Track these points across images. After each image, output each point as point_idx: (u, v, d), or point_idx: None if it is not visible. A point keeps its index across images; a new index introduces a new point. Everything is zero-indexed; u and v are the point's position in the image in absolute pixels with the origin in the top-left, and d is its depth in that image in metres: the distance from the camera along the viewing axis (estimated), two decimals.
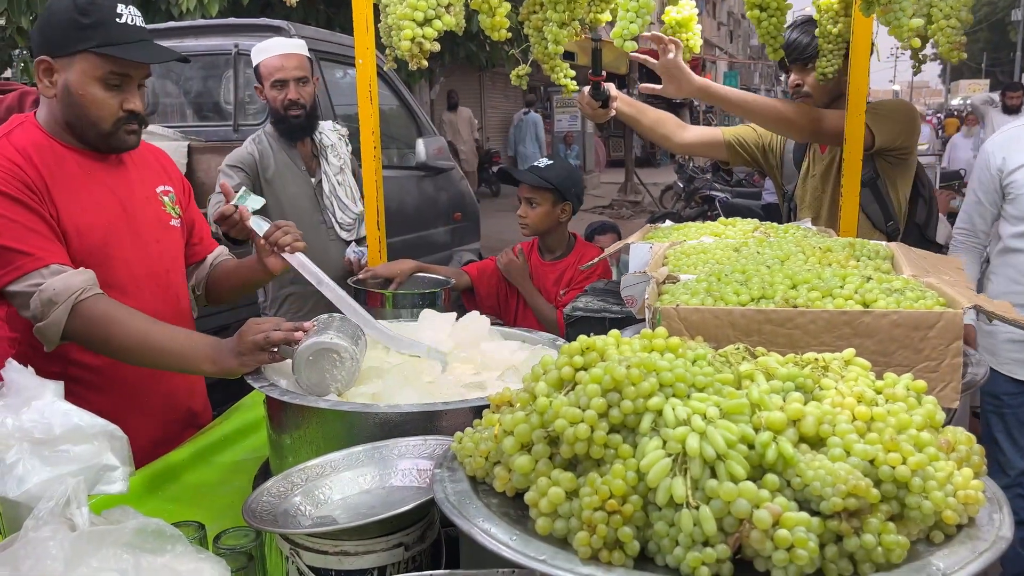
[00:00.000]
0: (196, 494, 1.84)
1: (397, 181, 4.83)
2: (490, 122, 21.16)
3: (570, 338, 2.12)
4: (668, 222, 2.42)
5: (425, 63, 1.52)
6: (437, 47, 1.52)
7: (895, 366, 1.32)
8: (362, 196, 3.20)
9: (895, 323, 1.32)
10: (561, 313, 2.75)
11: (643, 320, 1.93)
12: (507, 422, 1.05)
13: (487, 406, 1.49)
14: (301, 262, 1.94)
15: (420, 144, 5.08)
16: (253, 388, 1.65)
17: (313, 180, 3.17)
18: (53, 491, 0.99)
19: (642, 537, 0.90)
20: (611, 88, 2.58)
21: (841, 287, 1.44)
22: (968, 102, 10.22)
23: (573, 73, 2.41)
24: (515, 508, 1.03)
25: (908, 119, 2.62)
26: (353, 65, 4.98)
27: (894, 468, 0.90)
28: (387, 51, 2.03)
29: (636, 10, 1.58)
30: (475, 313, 2.05)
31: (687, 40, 2.55)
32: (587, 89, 2.55)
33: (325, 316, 1.74)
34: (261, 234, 1.95)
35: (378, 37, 2.13)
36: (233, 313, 3.88)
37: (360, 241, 3.20)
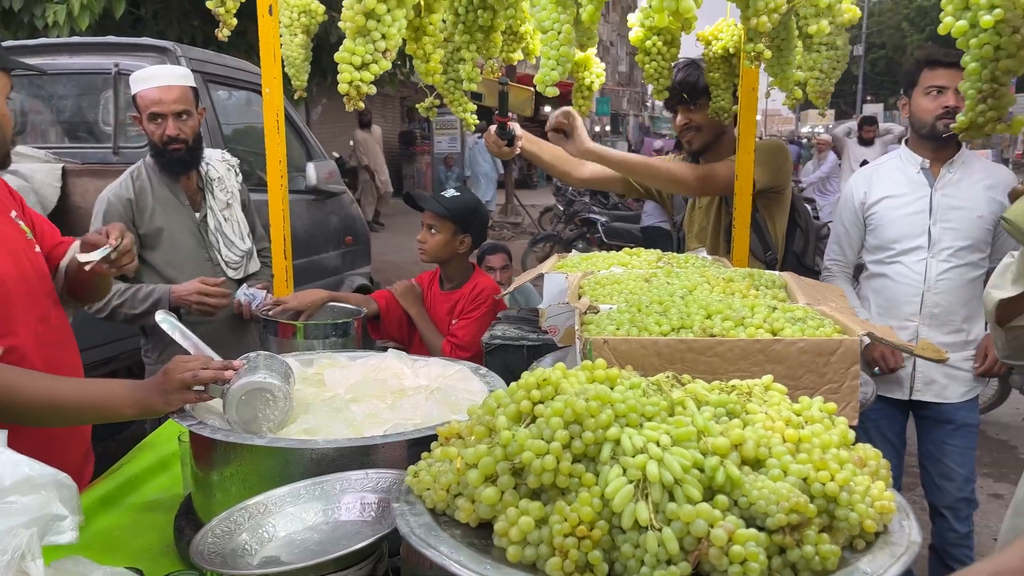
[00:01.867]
0: (109, 540, 1.78)
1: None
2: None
3: (490, 365, 2.19)
4: (573, 253, 2.53)
5: (361, 104, 1.55)
6: (373, 90, 1.56)
7: (802, 389, 1.47)
8: (251, 232, 3.12)
9: (802, 350, 1.46)
10: (448, 344, 2.81)
11: (561, 347, 2.03)
12: (470, 456, 1.10)
13: (425, 437, 1.54)
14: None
15: (310, 168, 5.03)
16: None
17: (198, 215, 3.01)
18: (7, 544, 0.96)
19: (609, 559, 0.98)
20: (516, 128, 2.71)
21: (751, 316, 1.58)
22: (831, 131, 11.11)
23: (474, 107, 2.50)
24: (478, 538, 1.08)
25: (783, 161, 2.88)
26: (240, 88, 4.90)
27: (824, 485, 1.02)
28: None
29: (556, 58, 1.68)
30: (391, 351, 2.08)
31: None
32: (493, 128, 2.67)
33: (252, 353, 1.73)
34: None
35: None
36: (120, 344, 3.70)
37: (250, 279, 3.09)
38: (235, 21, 2.00)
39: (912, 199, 2.91)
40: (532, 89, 2.57)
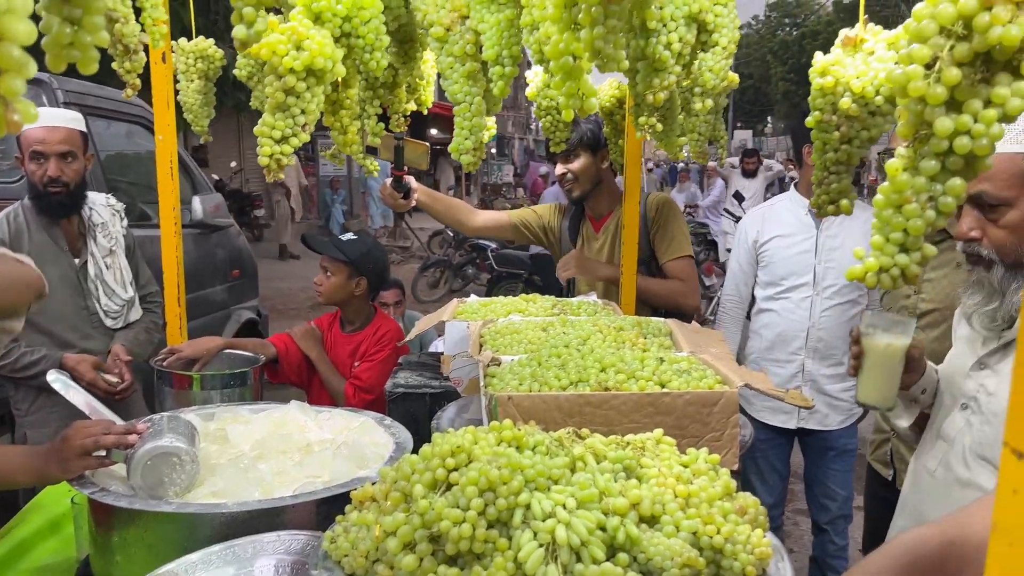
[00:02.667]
0: None
1: None
2: (250, 164, 20.46)
3: (393, 413, 2.24)
4: (472, 298, 2.61)
5: (282, 175, 1.59)
6: (293, 161, 1.60)
7: (689, 437, 1.61)
8: (136, 279, 3.03)
9: (688, 402, 1.60)
10: (351, 386, 2.84)
11: (464, 396, 2.11)
12: (388, 524, 1.16)
13: (335, 496, 1.58)
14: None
15: (196, 202, 4.91)
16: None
17: (77, 261, 2.88)
18: None
19: None
20: (411, 181, 2.80)
21: (641, 369, 1.71)
22: (718, 166, 11.76)
23: (375, 160, 2.55)
24: None
25: (684, 222, 3.12)
26: (119, 120, 4.73)
27: (711, 538, 1.14)
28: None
29: (470, 128, 1.77)
30: (294, 402, 2.10)
31: None
32: (389, 181, 2.74)
33: (156, 416, 1.72)
34: None
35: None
36: None
37: (131, 327, 2.98)
38: (139, 83, 1.99)
39: (800, 239, 3.16)
40: (427, 144, 2.66)
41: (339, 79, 1.71)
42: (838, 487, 3.26)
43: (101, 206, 2.96)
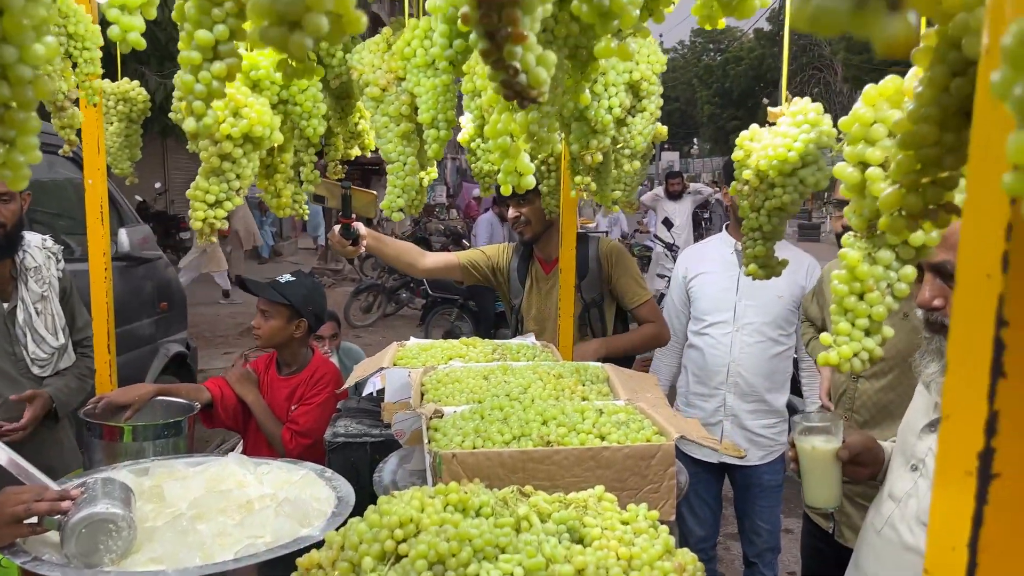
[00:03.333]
0: None
1: None
2: (175, 184, 19.94)
3: (333, 464, 2.23)
4: (412, 341, 2.62)
5: (214, 239, 1.58)
6: (226, 225, 1.59)
7: (628, 490, 1.66)
8: (71, 323, 2.92)
9: (627, 455, 1.65)
10: (288, 431, 2.81)
11: (405, 447, 2.11)
12: None
13: (278, 558, 1.57)
14: None
15: (123, 234, 4.78)
16: None
17: (6, 306, 2.75)
18: None
19: None
20: (360, 227, 2.81)
21: (582, 422, 1.76)
22: (641, 199, 12.02)
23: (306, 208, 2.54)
24: None
25: (635, 265, 3.25)
26: (41, 150, 4.58)
27: None
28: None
29: (403, 187, 1.79)
30: (232, 455, 2.07)
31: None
32: (338, 228, 2.74)
33: (90, 479, 1.68)
34: None
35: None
36: None
37: (61, 374, 2.85)
38: (76, 140, 1.95)
39: (723, 276, 3.27)
40: (374, 193, 2.67)
41: (275, 145, 1.72)
42: (763, 522, 3.36)
43: (36, 248, 2.84)
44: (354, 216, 2.66)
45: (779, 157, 1.53)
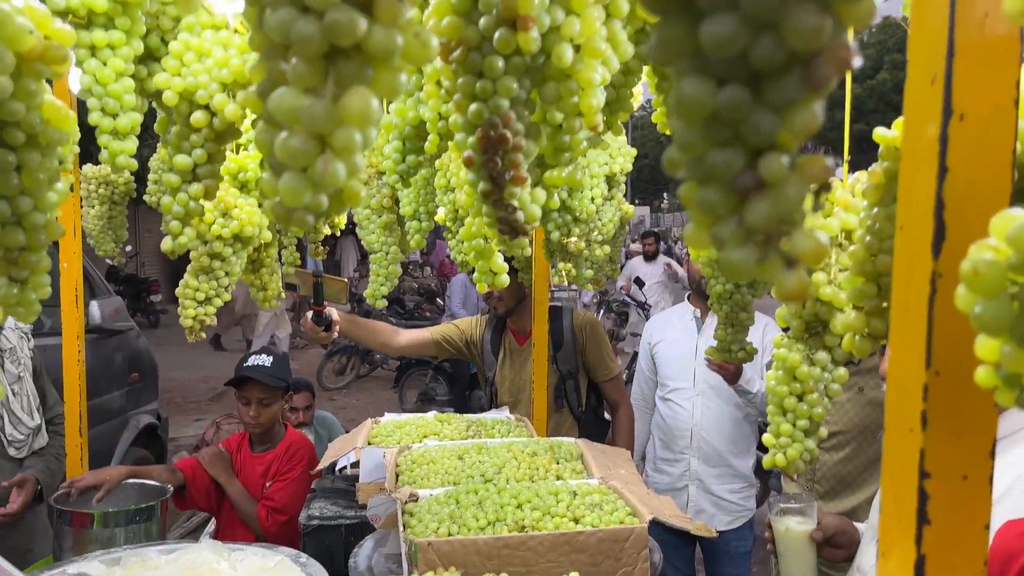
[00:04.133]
0: None
1: None
2: (146, 247, 19.85)
3: (308, 547, 2.22)
4: (387, 417, 2.63)
5: (203, 336, 1.60)
6: (215, 321, 1.62)
7: (603, 573, 1.67)
8: (43, 403, 2.91)
9: (601, 539, 1.67)
10: (263, 508, 2.78)
11: (380, 530, 2.11)
12: None
13: None
14: None
15: (94, 306, 4.75)
16: None
17: None
18: None
19: None
20: (333, 313, 2.84)
21: (556, 505, 1.78)
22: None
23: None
24: None
25: (607, 340, 3.35)
26: None
27: None
28: None
29: (386, 276, 1.84)
30: (205, 541, 2.05)
31: None
32: (310, 315, 2.79)
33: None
34: None
35: None
36: None
37: (38, 455, 2.84)
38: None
39: (683, 343, 3.34)
40: (346, 281, 2.71)
41: (261, 242, 1.76)
42: None
43: (9, 329, 2.83)
44: (326, 304, 2.69)
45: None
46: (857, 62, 0.36)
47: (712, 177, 0.36)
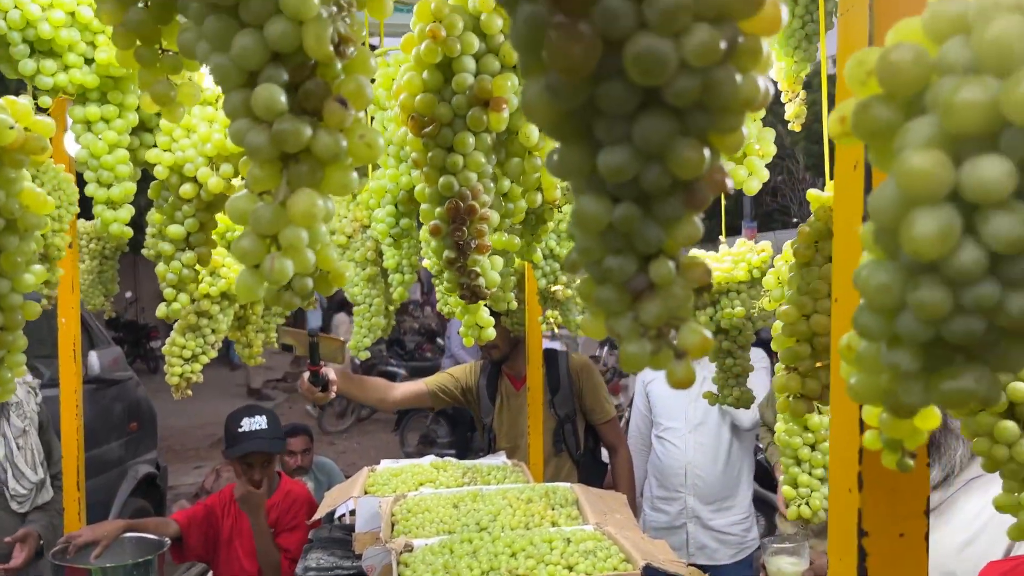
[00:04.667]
0: None
1: None
2: (145, 293, 19.92)
3: None
4: (383, 464, 2.65)
5: (189, 393, 1.63)
6: (201, 378, 1.65)
7: None
8: (48, 457, 2.92)
9: None
10: (287, 560, 2.78)
11: None
12: None
13: None
14: None
15: (93, 357, 4.78)
16: None
17: None
18: None
19: None
20: (329, 373, 2.80)
21: (550, 552, 1.79)
22: None
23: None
24: None
25: (602, 382, 3.37)
26: None
27: None
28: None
29: (368, 327, 1.88)
30: None
31: None
32: (307, 376, 2.75)
33: None
34: None
35: None
36: None
37: (42, 509, 2.85)
38: (56, 295, 2.02)
39: None
40: (342, 340, 2.74)
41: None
42: None
43: (17, 383, 2.85)
44: (322, 363, 2.67)
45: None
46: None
47: (608, 279, 0.41)
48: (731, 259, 1.70)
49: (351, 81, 0.50)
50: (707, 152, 0.39)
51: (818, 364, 0.77)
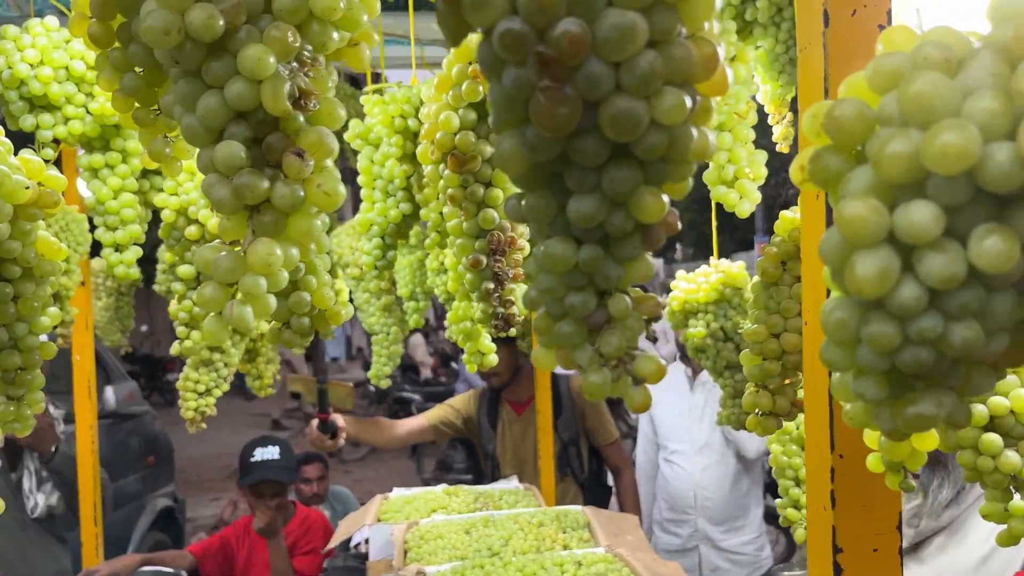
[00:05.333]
0: None
1: None
2: (160, 327, 20.08)
3: None
4: (395, 492, 2.66)
5: (203, 426, 1.67)
6: (215, 412, 1.69)
7: None
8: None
9: None
10: None
11: None
12: None
13: None
14: None
15: (109, 392, 4.83)
16: None
17: (13, 476, 2.81)
18: None
19: None
20: (338, 419, 2.79)
21: (561, 575, 1.80)
22: None
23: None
24: None
25: (603, 405, 3.38)
26: None
27: None
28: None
29: (388, 355, 1.91)
30: None
31: None
32: (315, 424, 2.74)
33: None
34: None
35: None
36: None
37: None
38: (70, 334, 2.07)
39: (677, 403, 3.36)
40: (350, 385, 2.76)
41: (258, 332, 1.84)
42: None
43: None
44: (331, 410, 2.67)
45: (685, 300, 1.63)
46: None
47: (568, 315, 0.43)
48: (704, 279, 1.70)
49: (311, 133, 0.53)
50: (666, 199, 0.42)
51: (787, 381, 0.78)
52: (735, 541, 3.27)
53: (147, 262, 3.37)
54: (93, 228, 2.24)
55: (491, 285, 0.88)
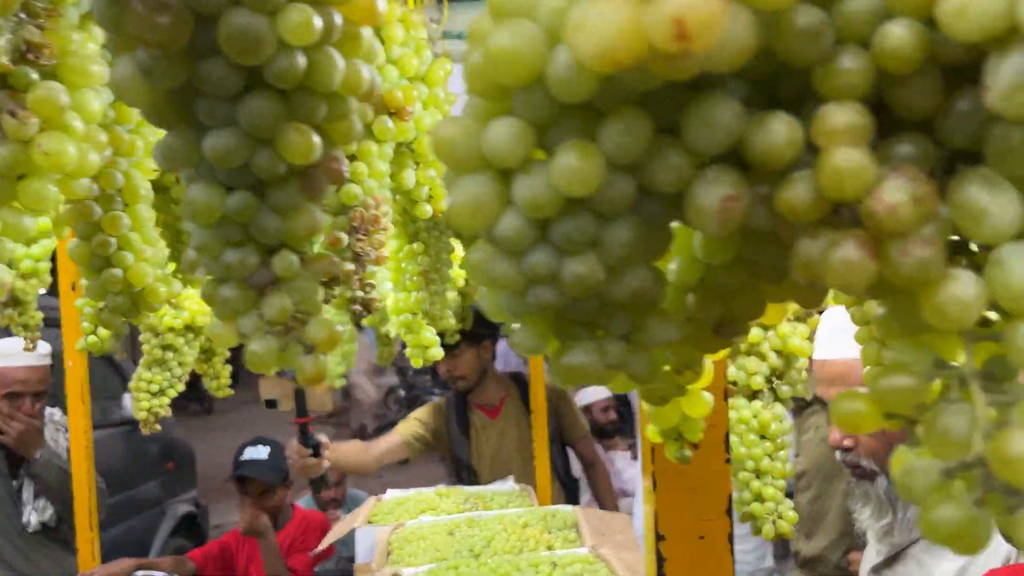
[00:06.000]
0: None
1: (101, 440, 4.53)
2: None
3: None
4: (390, 494, 2.62)
5: (158, 427, 1.65)
6: (169, 412, 1.67)
7: None
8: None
9: None
10: None
11: None
12: None
13: None
14: None
15: (127, 398, 4.87)
16: None
17: (15, 483, 2.80)
18: None
19: None
20: (322, 437, 2.58)
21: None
22: None
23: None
24: None
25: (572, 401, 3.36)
26: None
27: None
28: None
29: (343, 353, 1.87)
30: None
31: None
32: (295, 441, 2.51)
33: None
34: None
35: None
36: None
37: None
38: (39, 335, 2.07)
39: None
40: (328, 384, 2.69)
41: None
42: None
43: (50, 423, 2.92)
44: (311, 415, 2.51)
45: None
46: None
47: (229, 275, 0.38)
48: None
49: (39, 88, 0.49)
50: (316, 138, 0.37)
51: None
52: (736, 549, 3.18)
53: None
54: None
55: (351, 266, 0.83)
